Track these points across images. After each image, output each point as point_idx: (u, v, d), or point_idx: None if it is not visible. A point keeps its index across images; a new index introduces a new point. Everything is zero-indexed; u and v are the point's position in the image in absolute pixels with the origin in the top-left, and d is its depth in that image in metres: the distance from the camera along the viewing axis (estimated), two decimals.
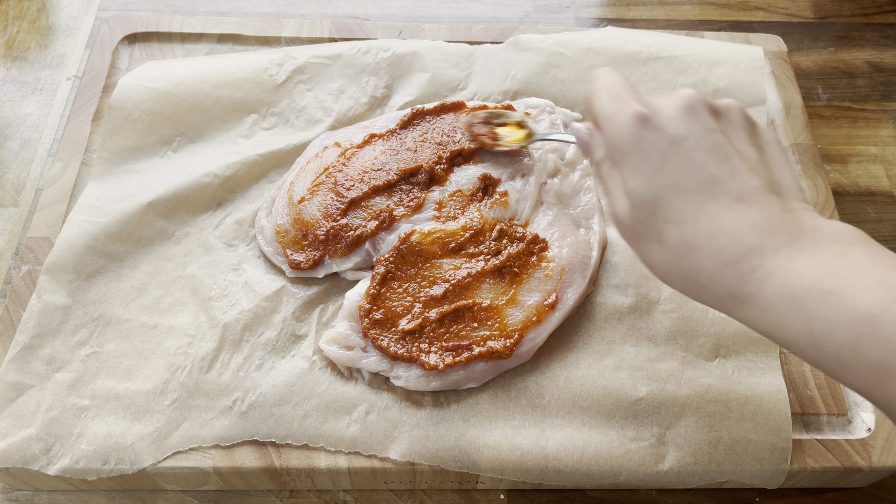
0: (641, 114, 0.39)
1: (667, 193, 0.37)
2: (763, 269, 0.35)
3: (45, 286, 0.55)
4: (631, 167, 0.39)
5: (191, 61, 0.69)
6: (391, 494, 0.53)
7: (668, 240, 0.38)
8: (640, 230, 0.39)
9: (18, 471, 0.49)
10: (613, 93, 0.41)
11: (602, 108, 0.41)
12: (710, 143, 0.38)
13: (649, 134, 0.38)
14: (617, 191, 0.40)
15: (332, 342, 0.53)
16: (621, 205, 0.40)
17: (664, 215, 0.38)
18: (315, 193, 0.59)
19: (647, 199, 0.38)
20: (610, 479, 0.50)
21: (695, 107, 0.39)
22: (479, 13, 0.83)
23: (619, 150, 0.39)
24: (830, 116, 0.76)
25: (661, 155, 0.38)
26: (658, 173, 0.38)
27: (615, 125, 0.39)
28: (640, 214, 0.38)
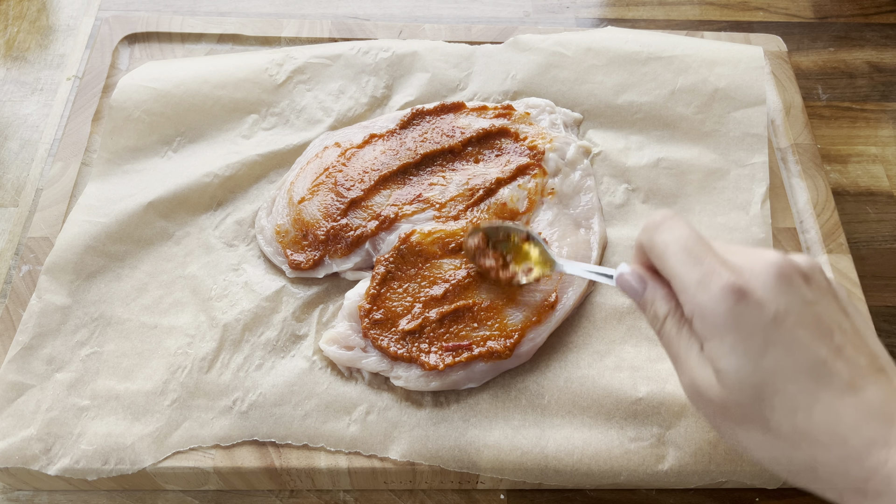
0: (737, 286, 0.35)
1: (775, 378, 0.34)
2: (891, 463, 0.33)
3: (45, 286, 0.55)
4: (728, 346, 0.35)
5: (191, 61, 0.69)
6: (391, 494, 0.53)
7: (779, 429, 0.35)
8: (737, 413, 0.36)
9: (18, 471, 0.49)
10: (692, 252, 0.37)
11: (681, 271, 0.37)
12: (811, 319, 0.35)
13: (748, 310, 0.35)
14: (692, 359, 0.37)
15: (332, 342, 0.53)
16: (705, 379, 0.36)
17: (772, 402, 0.35)
18: (315, 193, 0.59)
19: (750, 383, 0.35)
20: (610, 479, 0.50)
21: (789, 275, 0.36)
22: (479, 13, 0.83)
23: (710, 324, 0.36)
24: (830, 116, 0.76)
25: (765, 334, 0.35)
26: (762, 355, 0.34)
27: (706, 297, 0.36)
28: (741, 398, 0.35)
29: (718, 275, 0.36)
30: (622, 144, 0.65)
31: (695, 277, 0.37)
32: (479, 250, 0.53)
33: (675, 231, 0.39)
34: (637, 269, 0.42)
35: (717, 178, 0.63)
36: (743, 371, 0.35)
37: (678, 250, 0.38)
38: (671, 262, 0.38)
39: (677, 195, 0.62)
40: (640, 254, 0.42)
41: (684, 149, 0.64)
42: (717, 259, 0.37)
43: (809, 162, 0.66)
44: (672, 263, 0.38)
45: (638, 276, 0.41)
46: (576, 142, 0.64)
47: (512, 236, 0.53)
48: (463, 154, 0.61)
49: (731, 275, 0.36)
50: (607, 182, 0.63)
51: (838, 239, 0.61)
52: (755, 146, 0.64)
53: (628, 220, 0.61)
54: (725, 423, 0.37)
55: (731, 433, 0.37)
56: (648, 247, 0.40)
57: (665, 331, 0.39)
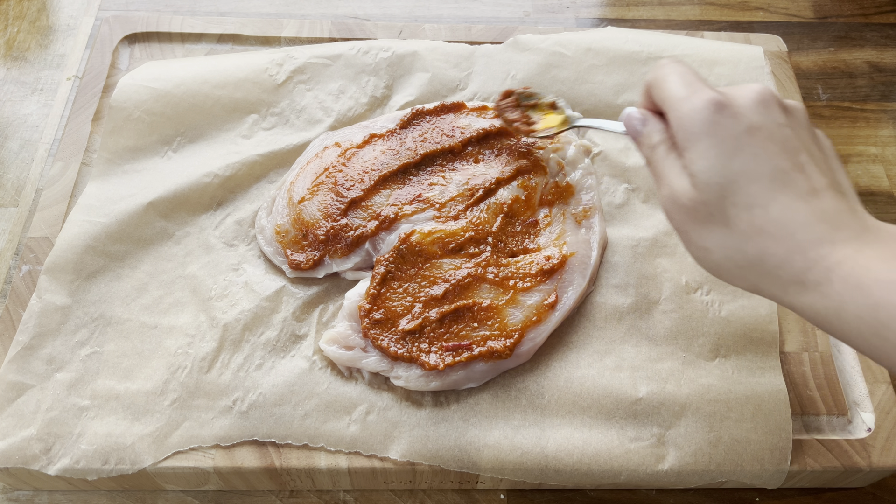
0: (718, 99, 0.39)
1: (740, 178, 0.38)
2: (832, 258, 0.36)
3: (45, 286, 0.55)
4: (703, 149, 0.39)
5: (191, 61, 0.69)
6: (391, 494, 0.53)
7: (737, 223, 0.38)
8: (702, 212, 0.39)
9: (18, 471, 0.49)
10: (686, 78, 0.42)
11: (673, 90, 0.41)
12: (781, 136, 0.39)
13: (725, 119, 0.39)
14: (673, 173, 0.41)
15: (332, 342, 0.53)
16: (680, 185, 0.40)
17: (734, 199, 0.38)
18: (315, 193, 0.59)
19: (717, 182, 0.38)
20: (610, 478, 0.50)
21: (768, 100, 0.40)
22: (479, 13, 0.83)
23: (689, 132, 0.40)
24: (830, 116, 0.76)
25: (736, 141, 0.38)
26: (732, 157, 0.38)
27: (688, 107, 0.40)
28: (707, 196, 0.39)
29: (703, 92, 0.40)
30: (622, 144, 0.65)
31: (683, 94, 0.41)
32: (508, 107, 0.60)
33: (675, 66, 0.43)
34: (640, 109, 0.46)
35: None
36: (712, 171, 0.38)
37: (675, 78, 0.42)
38: (666, 87, 0.42)
39: None
40: (646, 98, 0.45)
41: None
42: (707, 84, 0.41)
43: None
44: (667, 87, 0.42)
45: (640, 113, 0.45)
46: (576, 141, 0.64)
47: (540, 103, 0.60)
48: (463, 154, 0.61)
49: (716, 93, 0.40)
50: (607, 182, 0.63)
51: None
52: None
53: (628, 219, 0.61)
54: (694, 226, 0.40)
55: (698, 236, 0.40)
56: (651, 81, 0.44)
57: (656, 154, 0.43)
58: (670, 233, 0.60)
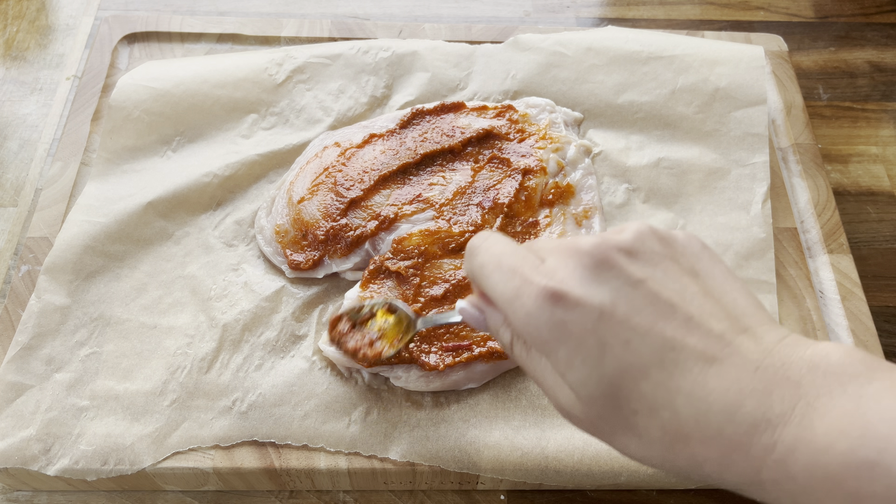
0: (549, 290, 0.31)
1: (623, 381, 0.30)
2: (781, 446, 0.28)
3: (44, 286, 0.55)
4: (564, 359, 0.31)
5: (190, 61, 0.69)
6: (391, 495, 0.53)
7: (649, 433, 0.30)
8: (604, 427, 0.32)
9: (18, 471, 0.49)
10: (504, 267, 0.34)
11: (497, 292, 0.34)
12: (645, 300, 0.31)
13: (569, 313, 0.31)
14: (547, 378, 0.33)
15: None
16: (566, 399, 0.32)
17: (631, 407, 0.30)
18: (315, 193, 0.59)
19: (601, 394, 0.31)
20: (610, 479, 0.50)
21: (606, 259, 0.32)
22: (479, 13, 0.83)
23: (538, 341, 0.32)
24: (831, 116, 0.76)
25: (595, 335, 0.30)
26: (601, 360, 0.30)
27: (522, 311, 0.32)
28: (600, 411, 0.31)
29: (530, 283, 0.32)
30: (623, 144, 0.64)
31: (510, 293, 0.33)
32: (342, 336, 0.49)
33: (489, 251, 0.36)
34: (473, 299, 0.39)
35: (718, 178, 0.62)
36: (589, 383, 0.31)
37: (493, 269, 0.35)
38: (489, 284, 0.35)
39: (678, 195, 0.62)
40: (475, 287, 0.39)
41: (685, 148, 0.64)
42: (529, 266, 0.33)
43: (810, 162, 0.65)
44: (490, 284, 0.35)
45: (474, 304, 0.38)
46: (576, 141, 0.63)
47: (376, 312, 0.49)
48: (463, 154, 0.61)
49: (543, 278, 0.32)
50: (608, 182, 0.63)
51: (839, 239, 0.61)
52: (756, 146, 0.64)
53: (629, 219, 0.61)
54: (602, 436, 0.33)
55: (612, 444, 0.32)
56: (471, 275, 0.37)
57: (516, 355, 0.35)
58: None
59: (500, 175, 0.60)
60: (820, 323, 0.57)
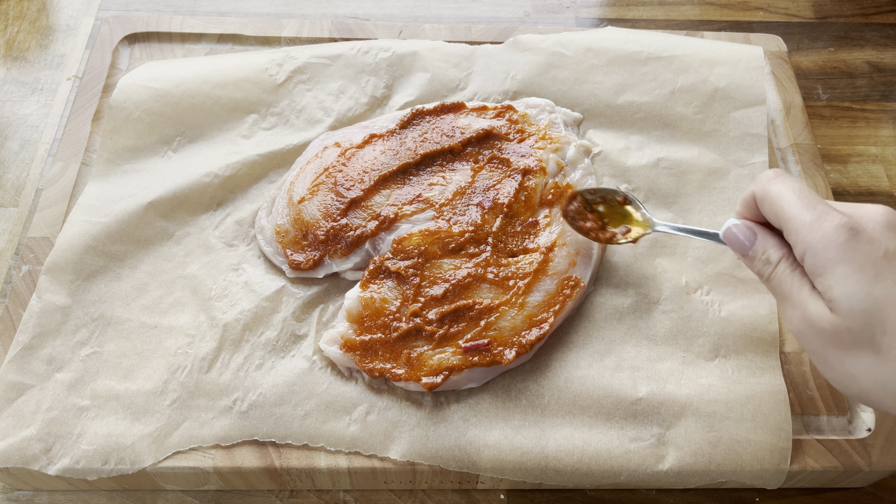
0: (850, 225, 0.39)
1: (886, 304, 0.37)
2: None
3: (45, 286, 0.55)
4: (841, 276, 0.38)
5: (191, 61, 0.69)
6: (391, 494, 0.53)
7: (889, 351, 0.37)
8: (846, 338, 0.38)
9: (19, 471, 0.49)
10: (806, 198, 0.41)
11: (795, 212, 0.41)
12: None
13: (861, 245, 0.38)
14: (803, 294, 0.40)
15: (332, 342, 0.53)
16: (816, 310, 0.39)
17: (883, 326, 0.37)
18: (315, 193, 0.59)
19: (862, 309, 0.38)
20: (610, 478, 0.50)
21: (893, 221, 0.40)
22: (479, 13, 0.83)
23: (824, 258, 0.39)
24: (830, 116, 0.76)
25: (875, 267, 0.38)
26: (874, 284, 0.38)
27: (820, 233, 0.39)
28: (851, 323, 0.38)
29: (832, 215, 0.39)
30: (622, 144, 0.65)
31: (809, 218, 0.40)
32: (577, 213, 0.54)
33: (787, 181, 0.42)
34: (746, 222, 0.45)
35: (718, 178, 0.63)
36: (855, 298, 0.38)
37: (793, 196, 0.41)
38: (786, 206, 0.41)
39: (677, 195, 0.62)
40: (746, 208, 0.45)
41: (684, 148, 0.64)
42: (828, 204, 0.41)
43: (809, 162, 0.66)
44: (787, 207, 0.41)
45: (748, 227, 0.45)
46: (576, 141, 0.64)
47: (609, 199, 0.54)
48: (463, 154, 0.61)
49: (844, 216, 0.39)
50: (607, 182, 0.63)
51: None
52: (755, 146, 0.64)
53: None
54: (835, 352, 0.39)
55: (840, 363, 0.39)
56: (762, 195, 0.43)
57: (777, 274, 0.42)
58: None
59: (499, 175, 0.60)
60: None
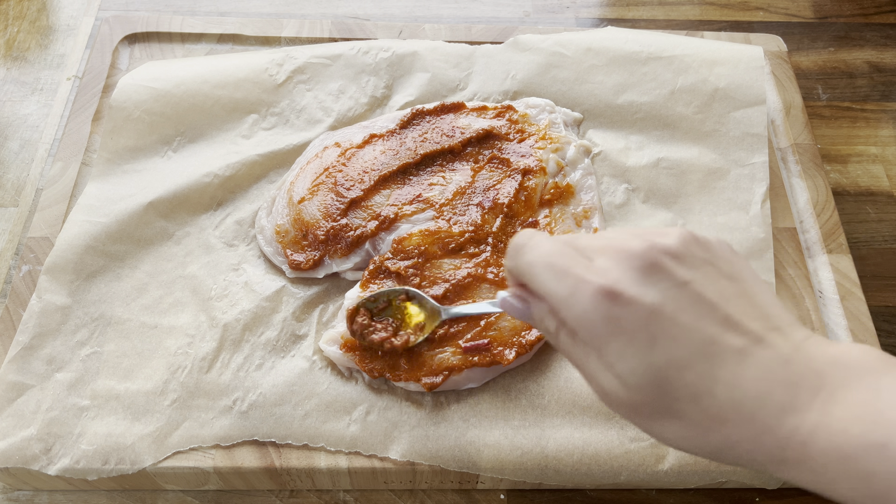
0: (605, 289, 0.34)
1: (670, 371, 0.34)
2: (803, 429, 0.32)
3: (45, 286, 0.55)
4: (616, 350, 0.34)
5: (191, 61, 0.69)
6: (391, 494, 0.53)
7: (689, 416, 0.34)
8: (647, 411, 0.35)
9: (18, 471, 0.49)
10: (556, 267, 0.37)
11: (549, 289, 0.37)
12: (690, 300, 0.34)
13: (623, 310, 0.34)
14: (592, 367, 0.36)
15: (332, 342, 0.53)
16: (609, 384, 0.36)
17: (675, 394, 0.34)
18: (315, 193, 0.59)
19: (648, 382, 0.34)
20: (610, 478, 0.50)
21: (656, 262, 0.35)
22: (479, 13, 0.83)
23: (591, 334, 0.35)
24: (830, 116, 0.76)
25: (647, 331, 0.34)
26: (650, 352, 0.34)
27: (579, 308, 0.35)
28: (644, 397, 0.35)
29: (585, 283, 0.35)
30: (622, 144, 0.65)
31: (564, 292, 0.36)
32: (365, 328, 0.51)
33: (536, 249, 0.38)
34: (517, 291, 0.41)
35: (718, 178, 0.63)
36: (638, 372, 0.34)
37: (543, 269, 0.37)
38: (539, 282, 0.37)
39: (677, 195, 0.62)
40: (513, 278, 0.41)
41: (684, 149, 0.64)
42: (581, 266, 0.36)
43: (809, 162, 0.66)
44: (540, 282, 0.37)
45: (518, 297, 0.41)
46: (576, 141, 0.64)
47: (392, 300, 0.51)
48: (463, 154, 0.61)
49: (597, 277, 0.35)
50: (607, 182, 0.63)
51: (838, 239, 0.61)
52: (755, 146, 0.64)
53: (628, 219, 0.61)
54: (641, 420, 0.36)
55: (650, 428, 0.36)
56: (516, 272, 0.40)
57: (560, 343, 0.38)
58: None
59: (499, 175, 0.60)
60: (819, 323, 0.57)
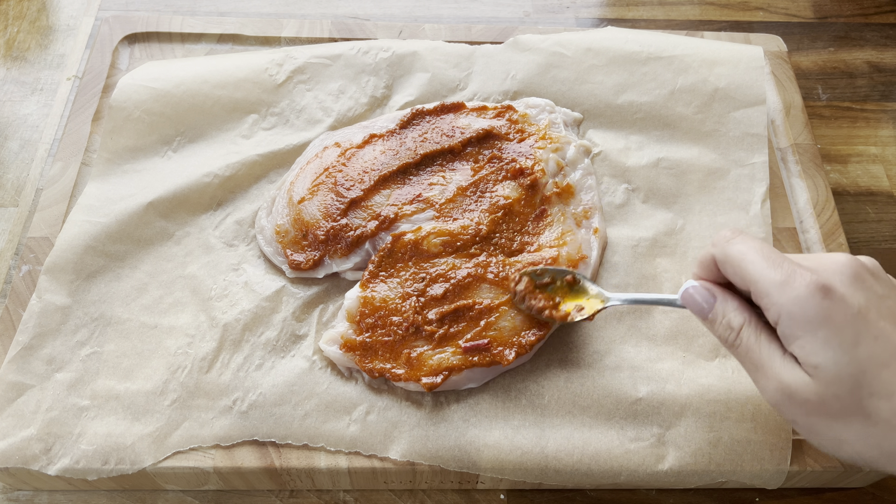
0: (822, 283, 0.37)
1: (870, 366, 0.36)
2: None
3: (45, 286, 0.55)
4: (822, 340, 0.37)
5: (191, 61, 0.69)
6: (391, 494, 0.53)
7: (878, 414, 0.36)
8: (835, 407, 0.37)
9: (18, 471, 0.49)
10: (770, 258, 0.40)
11: (763, 275, 0.39)
12: (888, 311, 0.38)
13: (835, 305, 0.37)
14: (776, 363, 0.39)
15: (332, 342, 0.53)
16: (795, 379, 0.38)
17: (871, 389, 0.36)
18: (315, 193, 0.59)
19: (848, 373, 0.36)
20: (610, 478, 0.50)
21: (861, 274, 0.39)
22: (479, 13, 0.83)
23: (800, 321, 0.38)
24: (830, 116, 0.76)
25: (853, 327, 0.37)
26: (856, 345, 0.37)
27: (793, 294, 0.38)
28: (838, 390, 0.37)
29: (801, 275, 0.38)
30: (622, 144, 0.65)
31: (778, 279, 0.39)
32: (527, 293, 0.53)
33: (748, 241, 0.41)
34: (705, 283, 0.43)
35: (717, 178, 0.63)
36: (841, 362, 0.36)
37: (757, 257, 0.40)
38: (751, 269, 0.40)
39: (677, 195, 0.62)
40: (705, 269, 0.43)
41: (684, 149, 0.64)
42: (794, 262, 0.39)
43: (809, 162, 0.66)
44: (752, 269, 0.40)
45: (706, 290, 0.43)
46: (576, 141, 0.64)
47: (557, 279, 0.53)
48: (463, 154, 0.61)
49: (813, 274, 0.38)
50: (607, 182, 0.63)
51: (838, 239, 0.61)
52: (755, 146, 0.64)
53: (628, 219, 0.61)
54: (822, 420, 0.38)
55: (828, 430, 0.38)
56: (723, 258, 0.42)
57: (742, 340, 0.40)
58: (670, 233, 0.60)
59: (499, 175, 0.60)
60: None
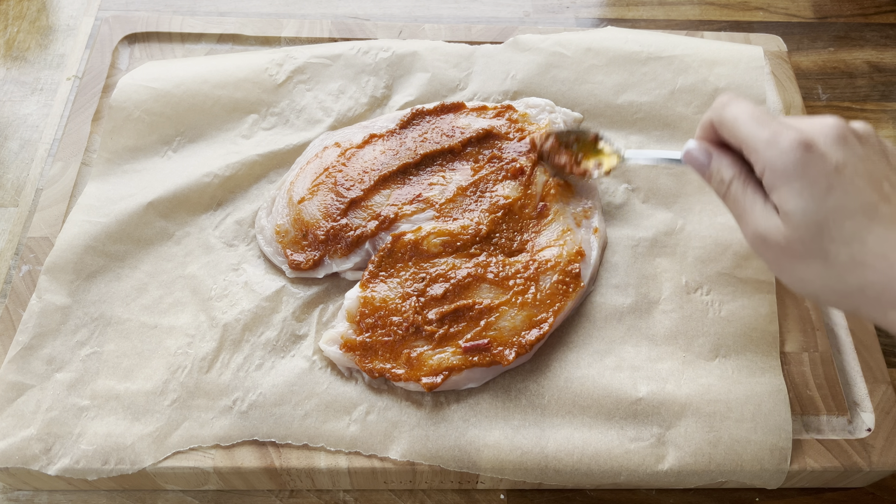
0: (804, 140, 0.41)
1: (835, 215, 0.40)
2: None
3: (45, 286, 0.55)
4: (796, 190, 0.41)
5: (191, 61, 0.69)
6: (391, 494, 0.53)
7: (837, 258, 0.41)
8: (799, 249, 0.42)
9: (18, 471, 0.49)
10: (760, 119, 0.44)
11: (752, 134, 0.44)
12: (865, 171, 0.42)
13: (814, 159, 0.41)
14: (756, 211, 0.44)
15: (332, 342, 0.53)
16: (768, 224, 0.43)
17: (832, 235, 0.41)
18: (315, 193, 0.59)
19: (814, 220, 0.41)
20: (610, 478, 0.50)
21: (846, 134, 0.42)
22: (479, 13, 0.83)
23: (780, 172, 0.42)
24: None
25: (828, 179, 0.41)
26: (826, 196, 0.41)
27: (777, 149, 0.42)
28: (803, 234, 0.41)
29: (786, 132, 0.42)
30: (622, 144, 0.65)
31: (765, 137, 0.43)
32: (552, 150, 0.58)
33: (741, 105, 0.45)
34: (703, 143, 0.48)
35: None
36: (808, 210, 0.41)
37: (747, 119, 0.44)
38: (742, 129, 0.44)
39: (677, 195, 0.62)
40: (704, 132, 0.49)
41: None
42: (782, 122, 0.43)
43: None
44: (743, 129, 0.44)
45: (703, 148, 0.48)
46: None
47: (582, 138, 0.58)
48: (463, 154, 0.61)
49: (798, 132, 0.42)
50: (607, 182, 0.63)
51: None
52: None
53: (628, 219, 0.61)
54: (788, 261, 0.42)
55: (792, 269, 0.43)
56: (718, 121, 0.47)
57: (731, 191, 0.45)
58: (670, 233, 0.60)
59: (499, 175, 0.60)
60: (819, 322, 0.57)
